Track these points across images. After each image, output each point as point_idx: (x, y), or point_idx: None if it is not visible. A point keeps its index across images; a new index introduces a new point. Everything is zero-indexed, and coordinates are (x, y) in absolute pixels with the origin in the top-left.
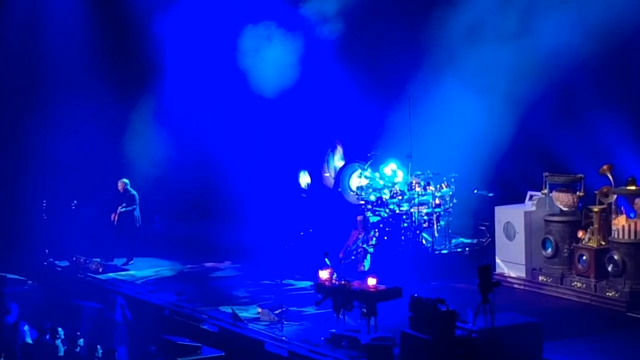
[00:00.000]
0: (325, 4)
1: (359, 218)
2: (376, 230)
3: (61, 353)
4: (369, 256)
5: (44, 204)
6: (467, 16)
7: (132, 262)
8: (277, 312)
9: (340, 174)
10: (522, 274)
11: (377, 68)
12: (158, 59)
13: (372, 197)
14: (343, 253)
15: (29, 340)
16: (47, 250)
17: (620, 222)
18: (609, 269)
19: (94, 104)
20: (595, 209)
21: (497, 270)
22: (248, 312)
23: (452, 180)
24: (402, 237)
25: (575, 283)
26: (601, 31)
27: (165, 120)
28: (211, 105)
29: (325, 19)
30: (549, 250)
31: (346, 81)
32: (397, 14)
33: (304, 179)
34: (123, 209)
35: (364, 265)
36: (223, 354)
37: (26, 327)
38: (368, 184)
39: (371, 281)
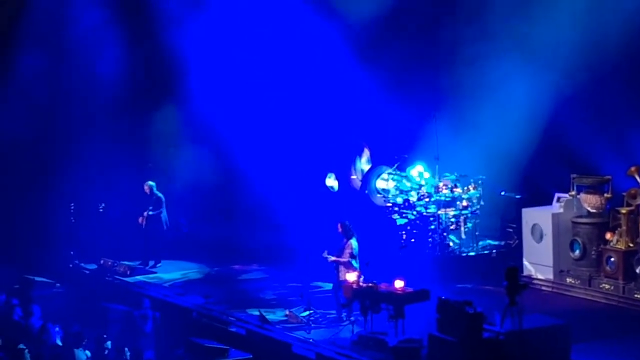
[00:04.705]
0: (355, 7)
1: (339, 226)
2: (403, 232)
3: (83, 358)
4: (354, 262)
5: (72, 207)
6: (488, 19)
7: (159, 264)
8: (304, 314)
9: (367, 177)
10: (550, 276)
11: (404, 71)
12: (183, 65)
13: (399, 200)
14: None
15: (59, 342)
16: (73, 253)
17: None
18: (637, 270)
19: (121, 111)
20: (623, 211)
21: (525, 272)
22: (275, 315)
23: (480, 182)
24: (430, 240)
25: (603, 285)
26: (633, 31)
27: (192, 123)
28: (237, 108)
29: (354, 22)
30: (577, 252)
31: (373, 84)
32: (425, 19)
33: (331, 181)
34: (151, 213)
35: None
36: (251, 356)
37: (57, 329)
38: (395, 186)
39: (399, 283)
